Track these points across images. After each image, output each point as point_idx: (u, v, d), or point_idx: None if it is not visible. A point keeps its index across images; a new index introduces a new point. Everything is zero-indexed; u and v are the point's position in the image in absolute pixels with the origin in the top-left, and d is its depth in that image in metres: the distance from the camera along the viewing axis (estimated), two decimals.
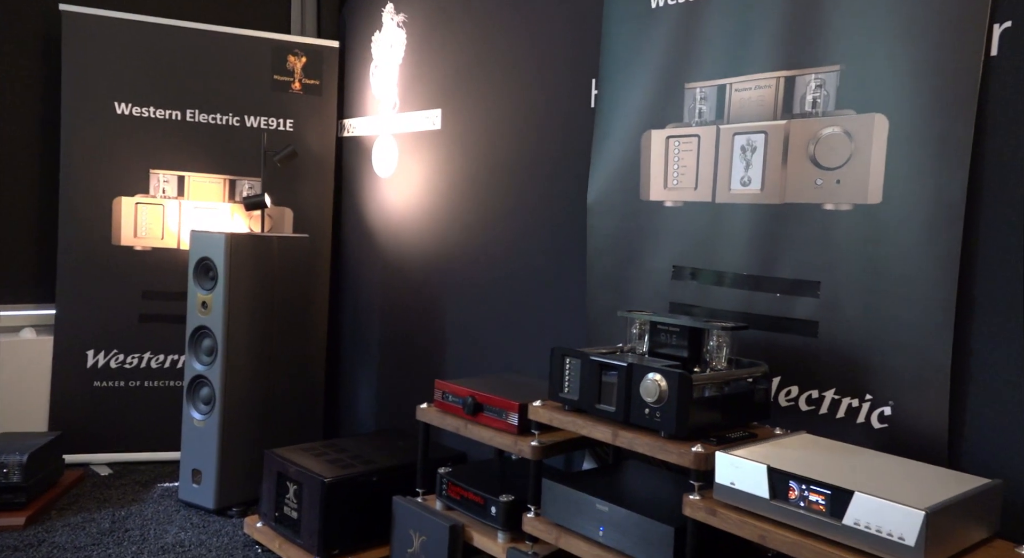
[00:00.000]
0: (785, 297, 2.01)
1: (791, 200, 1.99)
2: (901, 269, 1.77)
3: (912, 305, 1.75)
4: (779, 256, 2.02)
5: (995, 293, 1.64)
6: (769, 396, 1.96)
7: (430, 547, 2.17)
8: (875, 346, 1.82)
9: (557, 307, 2.67)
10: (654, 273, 2.33)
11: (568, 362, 2.01)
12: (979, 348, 1.67)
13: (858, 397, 1.85)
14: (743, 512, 1.58)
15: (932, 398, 1.71)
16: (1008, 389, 1.62)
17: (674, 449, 1.73)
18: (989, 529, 1.48)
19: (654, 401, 1.79)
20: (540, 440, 2.06)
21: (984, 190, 1.65)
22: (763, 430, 1.90)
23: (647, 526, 1.76)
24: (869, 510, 1.39)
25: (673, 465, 2.11)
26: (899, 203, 1.77)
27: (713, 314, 2.16)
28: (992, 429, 1.64)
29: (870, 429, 1.82)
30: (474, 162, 3.00)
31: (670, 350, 1.96)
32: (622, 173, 2.42)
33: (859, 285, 1.85)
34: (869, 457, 1.66)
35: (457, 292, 3.07)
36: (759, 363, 1.94)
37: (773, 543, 1.51)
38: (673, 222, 2.28)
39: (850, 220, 1.86)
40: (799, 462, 1.57)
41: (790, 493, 1.51)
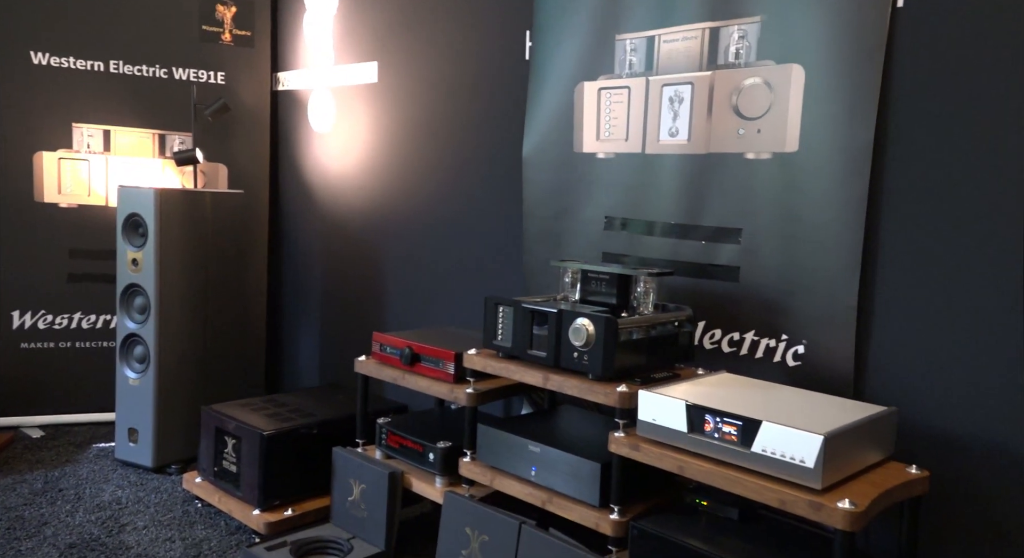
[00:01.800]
0: (709, 244, 2.08)
1: (716, 150, 2.05)
2: (815, 215, 1.85)
3: (824, 249, 1.84)
4: (704, 205, 2.09)
5: (897, 237, 1.74)
6: (693, 339, 2.05)
7: (369, 495, 2.22)
8: (791, 289, 1.91)
9: (495, 259, 2.70)
10: (588, 224, 2.38)
11: (501, 310, 2.06)
12: (882, 288, 1.77)
13: (775, 337, 1.95)
14: (663, 446, 1.67)
15: (840, 336, 1.82)
16: (906, 326, 1.73)
17: (601, 390, 1.80)
18: (884, 452, 1.60)
19: (582, 345, 1.85)
20: (475, 387, 2.11)
21: (890, 138, 1.74)
22: (687, 371, 1.99)
23: (576, 464, 1.83)
24: (775, 438, 1.49)
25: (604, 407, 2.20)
26: (814, 151, 1.84)
27: (643, 262, 2.23)
28: (891, 362, 1.76)
29: (786, 367, 1.93)
30: (412, 115, 2.98)
31: (600, 297, 2.02)
32: (556, 125, 2.44)
33: (777, 231, 1.93)
34: (782, 392, 1.77)
35: (397, 246, 3.07)
36: (684, 308, 2.02)
37: (690, 473, 1.61)
38: (605, 173, 2.33)
39: (769, 168, 1.93)
40: (715, 398, 1.66)
41: (706, 426, 1.60)
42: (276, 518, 2.31)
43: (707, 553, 1.56)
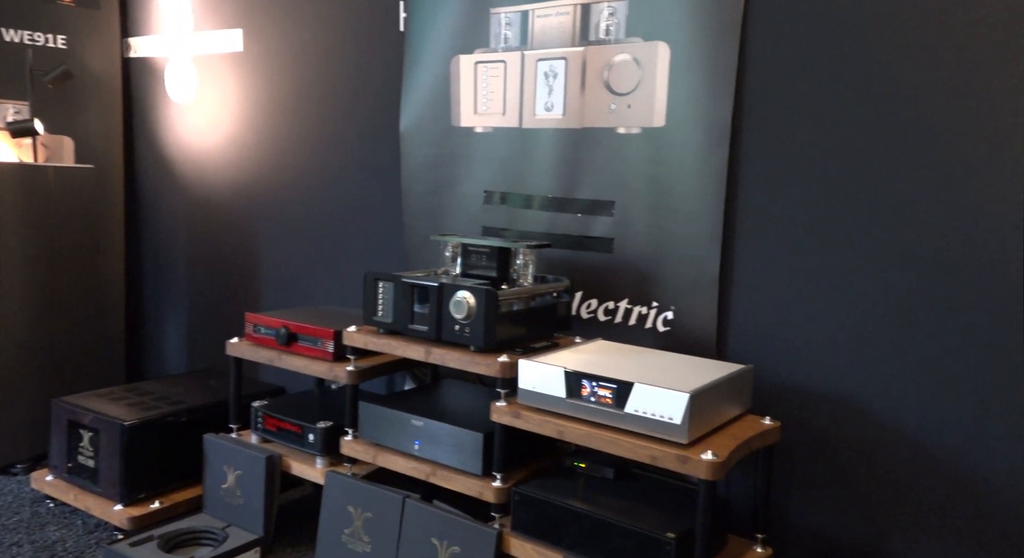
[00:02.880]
0: (585, 217, 2.14)
1: (589, 124, 2.10)
2: (681, 187, 1.95)
3: (690, 220, 1.94)
4: (579, 178, 2.14)
5: (753, 208, 1.87)
6: (571, 309, 2.11)
7: (246, 480, 2.13)
8: (660, 258, 2.01)
9: (375, 236, 2.65)
10: (467, 198, 2.38)
11: (381, 286, 2.02)
12: (741, 256, 1.90)
13: (647, 305, 2.05)
14: (544, 412, 1.71)
15: (704, 301, 1.94)
16: (761, 291, 1.87)
17: (482, 361, 1.82)
18: (743, 406, 1.73)
19: (463, 317, 1.86)
20: (356, 365, 2.07)
21: (747, 113, 1.86)
22: (565, 340, 2.05)
23: (458, 435, 1.85)
24: (646, 398, 1.56)
25: (486, 378, 2.23)
26: (679, 126, 1.93)
27: (522, 236, 2.26)
28: (749, 324, 1.90)
29: (656, 332, 2.03)
30: (282, 87, 2.84)
31: (481, 271, 2.03)
32: (433, 99, 2.41)
33: (647, 203, 2.02)
34: (652, 356, 1.86)
35: (270, 224, 2.94)
36: (562, 279, 2.08)
37: (570, 436, 1.66)
38: (484, 148, 2.33)
39: (639, 142, 2.01)
40: (592, 364, 1.72)
41: (583, 391, 1.66)
42: (141, 512, 2.17)
43: (584, 512, 1.63)
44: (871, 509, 1.74)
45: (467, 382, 2.31)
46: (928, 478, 1.66)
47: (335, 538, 1.96)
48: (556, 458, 1.95)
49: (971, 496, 1.61)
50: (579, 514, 1.64)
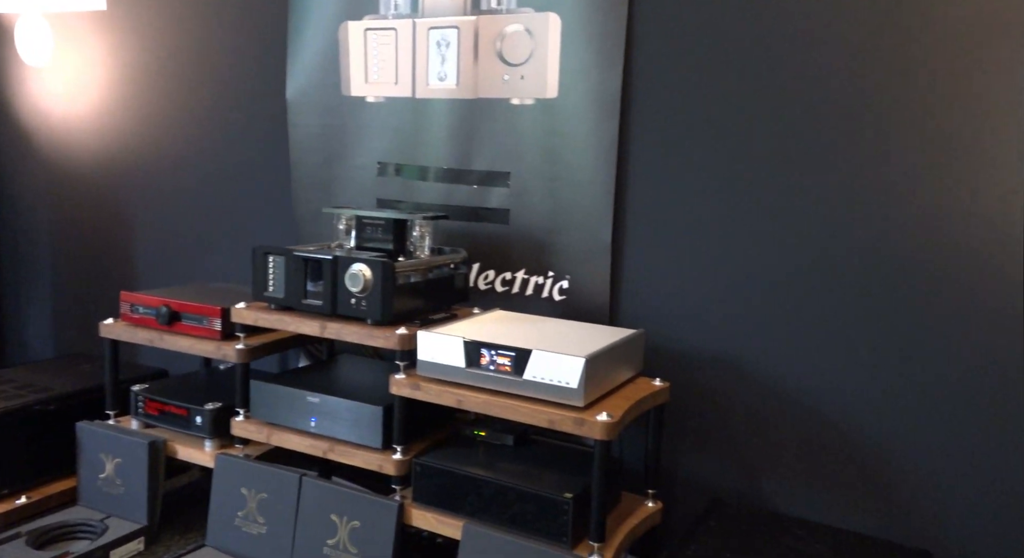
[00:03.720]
0: (481, 188, 2.14)
1: (483, 95, 2.10)
2: (575, 158, 1.98)
3: (583, 189, 1.98)
4: (475, 149, 2.14)
5: (642, 177, 1.94)
6: (468, 280, 2.11)
7: (127, 469, 2.01)
8: (556, 228, 2.04)
9: (263, 210, 2.53)
10: (360, 170, 2.32)
11: (272, 260, 1.94)
12: (631, 224, 1.97)
13: (543, 275, 2.08)
14: (443, 383, 1.71)
15: (598, 269, 1.99)
16: (651, 258, 1.95)
17: (380, 334, 1.80)
18: (635, 369, 1.81)
19: (360, 290, 1.82)
20: (246, 343, 1.99)
21: (635, 84, 1.91)
22: (463, 311, 2.05)
23: (357, 409, 1.82)
24: (544, 364, 1.60)
25: (384, 352, 2.20)
26: (571, 97, 1.96)
27: (418, 207, 2.23)
28: (640, 290, 1.97)
29: (553, 301, 2.07)
30: (154, 50, 2.64)
31: (377, 244, 1.99)
32: (322, 67, 2.32)
33: (542, 174, 2.04)
34: (550, 323, 1.90)
35: (145, 199, 2.74)
36: (459, 250, 2.07)
37: (469, 405, 1.67)
38: (376, 118, 2.27)
39: (533, 113, 2.03)
40: (490, 333, 1.74)
41: (482, 359, 1.67)
42: (6, 508, 2.00)
43: (484, 478, 1.65)
44: (749, 460, 1.87)
45: (364, 357, 2.28)
46: (800, 430, 1.80)
47: (227, 522, 1.89)
48: (456, 428, 1.96)
49: (837, 444, 1.76)
50: (480, 481, 1.66)
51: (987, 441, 1.60)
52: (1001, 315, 1.57)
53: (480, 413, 1.67)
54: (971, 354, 1.61)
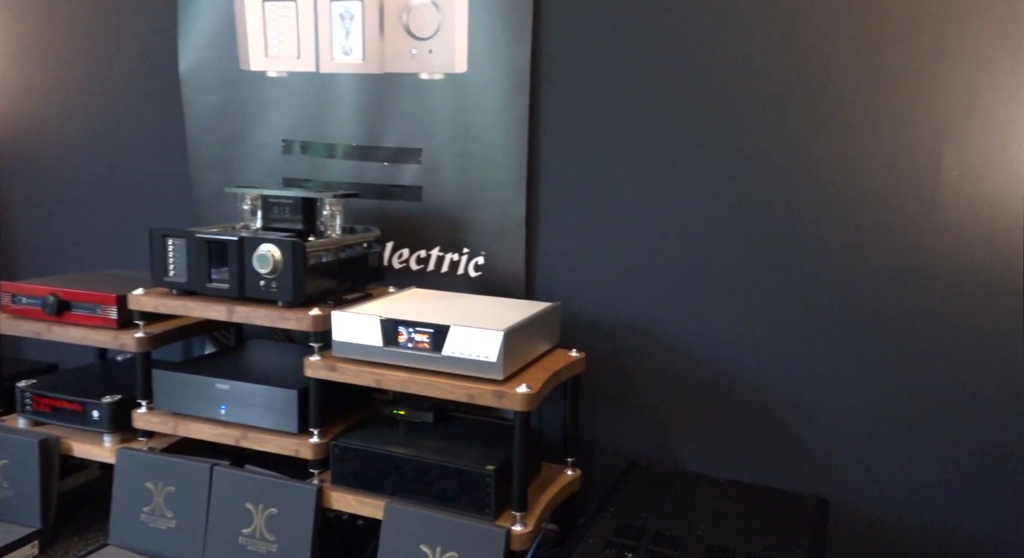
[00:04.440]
0: (392, 165, 2.10)
1: (391, 70, 2.05)
2: (486, 133, 1.98)
3: (496, 165, 1.99)
4: (384, 126, 2.09)
5: (553, 152, 1.96)
6: (382, 259, 2.08)
7: (15, 470, 1.86)
8: (469, 205, 2.04)
9: (159, 191, 2.39)
10: (264, 148, 2.23)
11: (171, 243, 1.84)
12: (544, 199, 1.99)
13: (458, 251, 2.08)
14: (360, 363, 1.68)
15: (513, 245, 2.00)
16: (565, 231, 1.98)
17: (292, 316, 1.74)
18: (552, 341, 1.84)
19: (269, 272, 1.76)
20: (146, 331, 1.88)
21: (544, 59, 1.92)
22: (378, 290, 2.02)
23: (270, 394, 1.76)
24: (462, 340, 1.60)
25: (296, 335, 2.14)
26: (481, 72, 1.95)
27: (327, 186, 2.17)
28: (555, 264, 2.00)
29: (469, 278, 2.07)
30: (29, 19, 2.43)
31: (285, 224, 1.93)
32: (217, 39, 2.20)
33: (454, 150, 2.03)
34: (466, 300, 1.90)
35: (29, 181, 2.53)
36: (372, 229, 2.03)
37: (388, 384, 1.65)
38: (279, 93, 2.18)
39: (443, 88, 2.00)
40: (407, 311, 1.72)
41: (399, 337, 1.65)
42: None
43: (405, 457, 1.64)
44: (662, 424, 1.95)
45: (276, 341, 2.20)
46: (708, 391, 1.89)
47: (132, 519, 1.79)
48: (376, 408, 1.93)
49: (742, 404, 1.86)
50: (400, 460, 1.64)
51: (877, 395, 1.73)
52: (893, 278, 1.70)
53: (399, 392, 1.65)
54: (864, 316, 1.73)
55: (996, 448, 1.64)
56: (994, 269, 1.60)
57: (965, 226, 1.61)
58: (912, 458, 1.71)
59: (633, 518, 1.55)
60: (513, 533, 1.52)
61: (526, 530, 1.54)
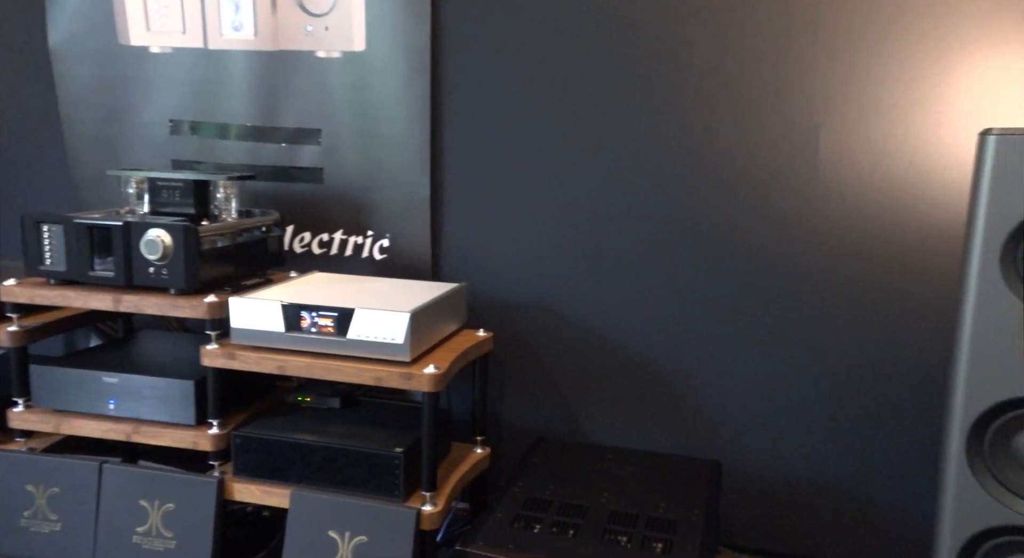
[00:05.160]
0: (290, 146, 2.04)
1: (285, 47, 1.98)
2: (387, 113, 1.95)
3: (398, 146, 1.96)
4: (281, 105, 2.02)
5: (457, 132, 1.95)
6: (282, 243, 2.02)
7: None
8: (372, 186, 2.00)
9: (32, 174, 2.21)
10: (150, 128, 2.10)
11: (47, 230, 1.72)
12: (449, 180, 1.98)
13: (362, 234, 2.04)
14: (261, 350, 1.63)
15: (418, 226, 1.99)
16: (470, 213, 1.98)
17: (186, 303, 1.66)
18: (459, 321, 1.84)
19: (159, 258, 1.67)
20: (21, 324, 1.75)
21: (445, 38, 1.91)
22: (279, 275, 1.96)
23: (164, 386, 1.68)
24: (368, 323, 1.58)
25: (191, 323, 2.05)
26: (380, 50, 1.92)
27: (221, 168, 2.08)
28: (461, 245, 2.00)
29: (374, 260, 2.04)
30: None
31: (175, 208, 1.83)
32: (92, 11, 2.05)
33: (354, 130, 1.98)
34: (371, 282, 1.87)
35: None
36: (271, 212, 1.96)
37: (292, 370, 1.61)
38: (164, 70, 2.06)
39: (341, 67, 1.95)
40: (310, 295, 1.68)
41: (302, 322, 1.61)
42: None
43: (311, 443, 1.61)
44: (568, 399, 2.00)
45: (168, 331, 2.10)
46: (611, 365, 1.95)
47: (10, 524, 1.67)
48: (279, 396, 1.88)
49: (642, 375, 1.94)
50: (306, 446, 1.61)
51: (764, 364, 1.84)
52: (776, 255, 1.80)
53: (304, 378, 1.61)
54: (752, 290, 1.83)
55: (873, 409, 1.78)
56: (868, 244, 1.73)
57: (842, 204, 1.74)
58: (797, 420, 1.83)
59: (541, 491, 1.59)
60: (423, 513, 1.53)
61: (436, 509, 1.55)
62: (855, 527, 1.82)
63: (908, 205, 1.68)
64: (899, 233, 1.70)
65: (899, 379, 1.74)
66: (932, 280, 1.69)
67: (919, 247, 1.69)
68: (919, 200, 1.68)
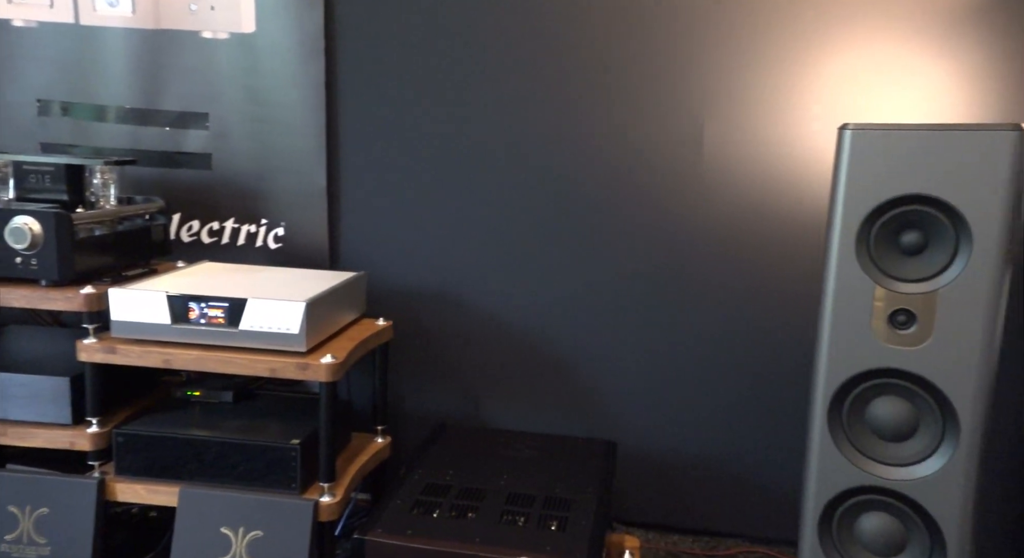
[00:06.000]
0: (175, 130, 1.94)
1: (168, 26, 1.88)
2: (280, 98, 1.89)
3: (292, 132, 1.91)
4: (164, 87, 1.92)
5: (354, 118, 1.92)
6: (168, 232, 1.93)
7: None
8: (265, 173, 1.94)
9: None
10: (15, 108, 1.95)
11: None
12: (346, 167, 1.95)
13: (255, 223, 1.98)
14: (145, 343, 1.56)
15: (315, 214, 1.95)
16: (368, 200, 1.96)
17: (60, 295, 1.56)
18: (358, 311, 1.82)
19: (27, 247, 1.55)
20: None
21: (340, 22, 1.87)
22: (165, 265, 1.87)
23: (34, 384, 1.57)
24: (261, 313, 1.53)
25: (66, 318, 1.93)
26: (271, 33, 1.86)
27: (98, 152, 1.96)
28: (360, 233, 1.98)
29: (268, 250, 1.98)
30: None
31: (46, 194, 1.71)
32: None
33: (244, 114, 1.92)
34: (265, 272, 1.82)
35: None
36: (154, 199, 1.87)
37: (179, 364, 1.55)
38: (29, 46, 1.92)
39: (229, 49, 1.88)
40: (199, 286, 1.61)
41: (191, 314, 1.55)
42: None
43: (201, 439, 1.55)
44: (470, 385, 2.02)
45: (40, 325, 1.96)
46: (509, 351, 1.99)
47: None
48: (165, 392, 1.80)
49: (540, 361, 1.98)
50: (197, 442, 1.55)
51: (654, 345, 1.93)
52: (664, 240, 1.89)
53: (194, 371, 1.55)
54: (641, 274, 1.91)
55: (751, 384, 1.90)
56: (746, 231, 1.85)
57: (723, 193, 1.84)
58: (687, 399, 1.93)
59: (440, 477, 1.60)
60: (321, 504, 1.51)
61: (335, 500, 1.53)
62: (738, 497, 1.94)
63: (782, 194, 1.81)
64: (774, 220, 1.82)
65: (774, 355, 1.87)
66: (801, 263, 1.82)
67: (791, 233, 1.82)
68: (791, 189, 1.80)
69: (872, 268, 1.24)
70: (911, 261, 1.23)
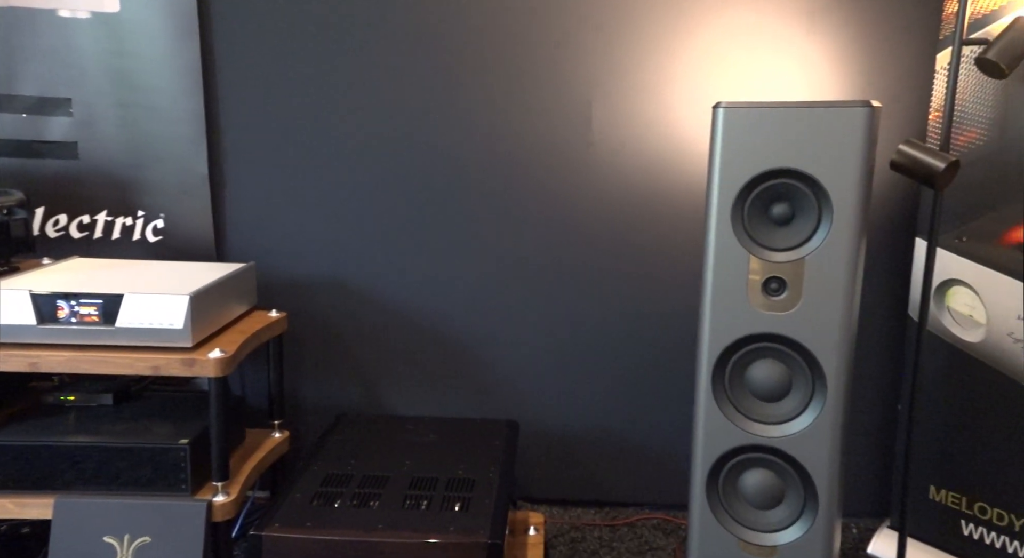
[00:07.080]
0: (34, 117, 1.80)
1: (18, 3, 1.73)
2: (152, 82, 1.79)
3: (168, 118, 1.81)
4: (17, 70, 1.77)
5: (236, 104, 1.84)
6: (31, 227, 1.78)
7: None
8: (140, 162, 1.83)
9: None
10: None
11: None
12: (229, 154, 1.86)
13: (131, 215, 1.86)
14: (7, 346, 1.44)
15: (197, 205, 1.86)
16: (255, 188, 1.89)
17: None
18: (249, 303, 1.76)
19: None
20: None
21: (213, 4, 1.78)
22: (28, 262, 1.73)
23: None
24: (140, 308, 1.45)
25: None
26: (138, 12, 1.75)
27: None
28: (247, 223, 1.90)
29: (147, 243, 1.87)
30: None
31: None
32: None
33: (112, 100, 1.79)
34: (144, 266, 1.72)
35: None
36: (12, 192, 1.72)
37: (48, 367, 1.44)
38: None
39: (91, 29, 1.75)
40: (68, 283, 1.50)
41: (59, 313, 1.44)
42: None
43: (78, 445, 1.45)
44: (367, 374, 1.99)
45: None
46: (406, 338, 1.97)
47: None
48: (35, 398, 1.67)
49: (437, 345, 1.98)
50: (71, 449, 1.45)
51: (552, 326, 1.97)
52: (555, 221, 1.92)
53: (67, 374, 1.45)
54: (537, 256, 1.94)
55: (647, 359, 1.97)
56: (634, 207, 1.91)
57: (610, 171, 1.89)
58: (584, 376, 1.98)
59: (341, 467, 1.57)
60: (215, 504, 1.45)
61: (229, 499, 1.48)
62: (636, 468, 2.02)
63: (666, 171, 1.88)
64: (659, 196, 1.89)
65: (663, 330, 1.95)
66: (685, 237, 1.91)
67: (675, 208, 1.90)
68: (674, 166, 1.88)
69: (747, 239, 1.31)
70: (781, 231, 1.31)
